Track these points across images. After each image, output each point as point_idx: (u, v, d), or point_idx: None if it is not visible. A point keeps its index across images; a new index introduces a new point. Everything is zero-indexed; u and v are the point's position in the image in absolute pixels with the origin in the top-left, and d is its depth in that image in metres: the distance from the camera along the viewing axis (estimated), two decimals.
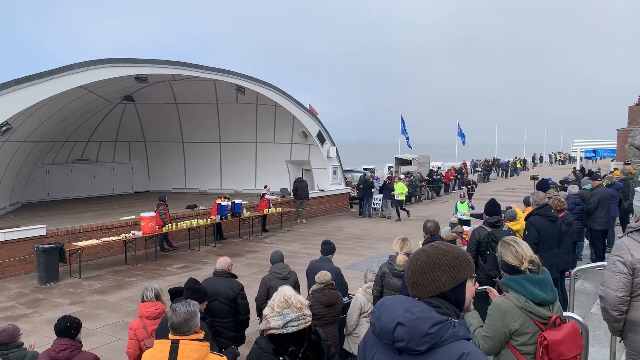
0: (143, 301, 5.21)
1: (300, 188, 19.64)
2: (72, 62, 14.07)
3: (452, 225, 10.21)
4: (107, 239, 13.04)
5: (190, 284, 4.94)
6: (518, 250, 3.16)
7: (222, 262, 6.18)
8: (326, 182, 22.56)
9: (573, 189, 10.25)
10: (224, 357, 3.20)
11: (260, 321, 3.29)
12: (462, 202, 14.37)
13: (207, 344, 3.18)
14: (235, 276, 6.15)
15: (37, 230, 12.52)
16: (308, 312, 3.16)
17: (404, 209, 21.16)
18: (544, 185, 10.70)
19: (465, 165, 35.92)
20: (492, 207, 6.93)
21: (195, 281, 5.04)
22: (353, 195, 23.83)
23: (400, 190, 20.96)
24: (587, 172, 24.08)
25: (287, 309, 3.04)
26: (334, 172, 22.92)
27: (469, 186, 27.11)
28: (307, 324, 3.10)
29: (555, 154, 70.26)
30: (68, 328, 4.38)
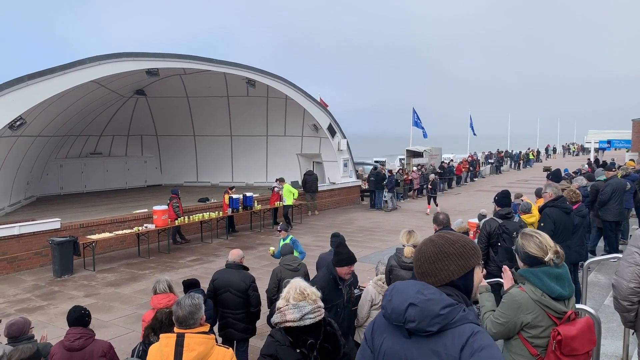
0: (155, 293, 5.26)
1: (309, 181, 19.65)
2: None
3: (481, 217, 10.06)
4: (120, 232, 13.17)
5: (335, 245, 4.97)
6: (542, 241, 3.09)
7: (235, 254, 6.23)
8: (337, 175, 22.53)
9: (581, 181, 10.13)
10: (230, 349, 3.22)
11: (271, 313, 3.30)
12: (283, 239, 8.80)
13: (213, 336, 3.19)
14: (247, 268, 6.19)
15: (52, 223, 12.69)
16: (321, 303, 3.16)
17: (289, 218, 17.16)
18: (556, 175, 10.60)
19: (471, 157, 35.61)
20: (503, 199, 6.88)
21: (340, 244, 4.94)
22: (364, 187, 23.79)
23: (286, 193, 17.05)
24: (601, 162, 23.80)
25: (302, 302, 3.04)
26: (345, 165, 22.88)
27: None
28: (322, 316, 3.10)
29: (568, 145, 69.54)
30: (83, 315, 4.45)
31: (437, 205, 19.95)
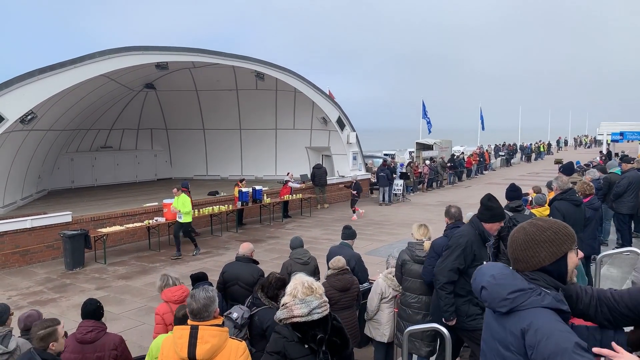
0: (163, 289, 5.28)
1: (318, 175, 19.58)
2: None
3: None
4: (130, 225, 13.24)
5: (485, 199, 4.61)
6: None
7: (246, 247, 6.22)
8: (346, 168, 22.49)
9: (594, 174, 10.00)
10: (243, 342, 3.22)
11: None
12: None
13: (227, 329, 3.19)
14: (256, 262, 6.18)
15: (63, 217, 12.79)
16: (326, 298, 3.16)
17: (192, 237, 12.77)
18: (568, 168, 10.48)
19: (479, 149, 35.38)
20: (513, 192, 6.87)
21: (491, 197, 4.60)
22: (373, 181, 23.72)
23: (181, 207, 12.23)
24: (613, 155, 23.51)
25: (310, 296, 3.03)
26: (354, 158, 22.82)
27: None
28: (328, 310, 3.09)
29: (580, 138, 68.86)
30: (98, 309, 4.49)
31: (353, 212, 17.76)
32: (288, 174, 18.78)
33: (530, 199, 9.03)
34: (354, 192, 18.21)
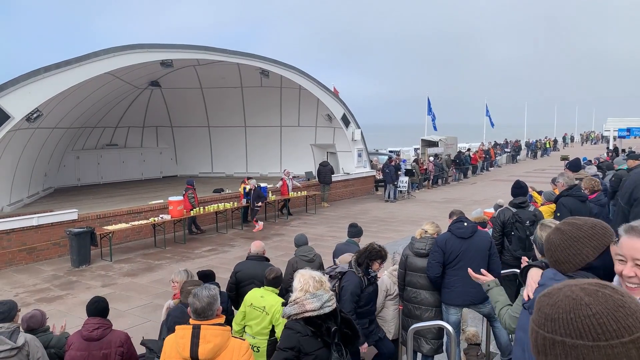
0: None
1: (323, 172, 19.49)
2: None
3: (497, 207, 10.00)
4: (136, 222, 13.29)
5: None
6: None
7: (258, 246, 6.19)
8: (351, 165, 22.45)
9: (591, 170, 9.94)
10: (246, 340, 3.22)
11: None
12: None
13: (229, 328, 3.18)
14: (268, 259, 6.17)
15: (69, 214, 12.85)
16: (332, 292, 3.18)
17: None
18: (575, 164, 10.41)
19: (483, 146, 35.24)
20: (515, 189, 6.88)
21: None
22: (378, 178, 23.67)
23: None
24: (620, 151, 23.36)
25: (320, 290, 3.06)
26: (359, 155, 22.76)
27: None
28: (336, 303, 3.11)
29: (587, 134, 68.44)
30: (106, 306, 4.51)
31: (252, 220, 15.85)
32: (284, 171, 18.48)
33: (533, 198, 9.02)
34: (257, 203, 15.52)
